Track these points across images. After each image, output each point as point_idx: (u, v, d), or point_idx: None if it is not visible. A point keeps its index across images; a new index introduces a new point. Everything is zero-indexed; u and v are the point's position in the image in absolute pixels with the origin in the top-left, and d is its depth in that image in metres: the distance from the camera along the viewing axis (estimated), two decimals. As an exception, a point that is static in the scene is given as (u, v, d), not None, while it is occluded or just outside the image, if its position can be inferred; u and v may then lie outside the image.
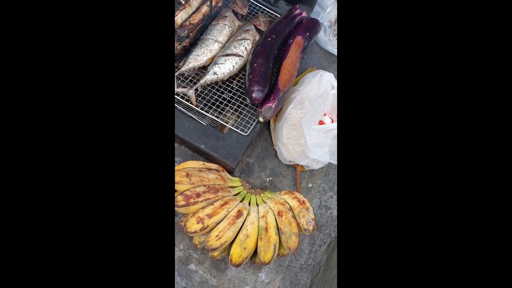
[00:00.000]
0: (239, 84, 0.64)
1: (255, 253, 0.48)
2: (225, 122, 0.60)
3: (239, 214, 0.49)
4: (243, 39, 0.63)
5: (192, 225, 0.46)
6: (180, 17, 0.63)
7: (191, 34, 0.63)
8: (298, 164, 0.63)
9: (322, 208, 0.64)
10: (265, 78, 0.58)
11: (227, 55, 0.61)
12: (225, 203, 0.49)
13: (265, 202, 0.54)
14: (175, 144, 0.62)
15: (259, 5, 0.75)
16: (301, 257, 0.58)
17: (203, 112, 0.58)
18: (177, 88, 0.59)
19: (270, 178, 0.63)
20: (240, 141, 0.58)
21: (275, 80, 0.60)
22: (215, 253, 0.48)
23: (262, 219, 0.49)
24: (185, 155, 0.61)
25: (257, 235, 0.48)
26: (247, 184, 0.57)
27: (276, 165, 0.65)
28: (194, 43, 0.63)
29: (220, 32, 0.63)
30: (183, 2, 0.63)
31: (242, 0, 0.69)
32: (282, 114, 0.62)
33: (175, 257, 0.53)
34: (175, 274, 0.51)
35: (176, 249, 0.54)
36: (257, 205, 0.54)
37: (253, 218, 0.50)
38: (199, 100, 0.61)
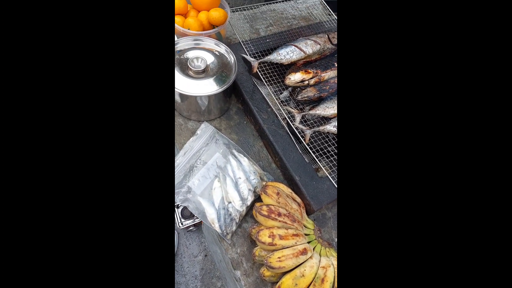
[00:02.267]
0: (349, 144, 0.69)
1: (300, 296, 0.48)
2: (324, 169, 0.64)
3: (304, 251, 0.51)
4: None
5: (264, 236, 0.50)
6: (328, 74, 0.74)
7: (331, 90, 0.73)
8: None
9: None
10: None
11: (353, 117, 0.67)
12: (297, 235, 0.52)
13: (328, 257, 0.54)
14: (274, 165, 0.69)
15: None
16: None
17: (308, 149, 0.65)
18: (298, 124, 0.69)
19: (339, 240, 0.63)
20: (331, 191, 0.61)
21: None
22: (268, 273, 0.50)
23: (321, 269, 0.50)
24: (276, 177, 0.68)
25: (311, 280, 0.48)
26: (319, 232, 0.59)
27: (349, 232, 0.64)
28: (329, 96, 0.73)
29: None
30: (336, 65, 0.75)
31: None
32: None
33: (228, 256, 0.58)
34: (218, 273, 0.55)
35: (232, 249, 0.58)
36: (320, 255, 0.54)
37: (314, 263, 0.50)
38: (310, 141, 0.69)
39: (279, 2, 1.02)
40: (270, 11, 1.00)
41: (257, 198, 0.61)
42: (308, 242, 0.55)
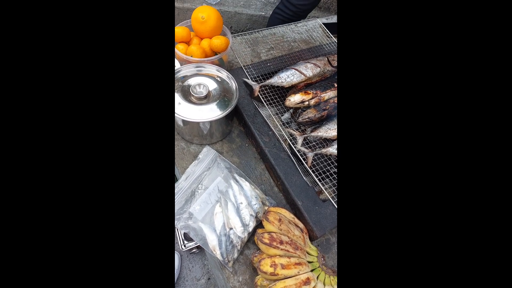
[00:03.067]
0: (352, 166, 0.68)
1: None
2: (327, 193, 0.64)
3: (307, 281, 0.49)
4: (374, 133, 0.69)
5: (266, 266, 0.49)
6: (328, 94, 0.75)
7: (330, 109, 0.73)
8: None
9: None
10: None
11: (355, 139, 0.67)
12: (300, 263, 0.51)
13: (332, 286, 0.52)
14: (276, 188, 0.69)
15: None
16: None
17: (310, 171, 0.64)
18: (300, 146, 0.69)
19: (344, 267, 0.61)
20: (334, 216, 0.60)
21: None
22: (269, 304, 0.49)
23: (326, 301, 0.48)
24: (279, 201, 0.67)
25: (315, 314, 0.46)
26: (322, 259, 0.57)
27: (355, 258, 0.62)
28: (329, 116, 0.73)
29: None
30: (336, 85, 0.76)
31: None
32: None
33: (230, 285, 0.56)
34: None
35: (234, 278, 0.57)
36: (324, 284, 0.52)
37: (318, 294, 0.49)
38: (313, 163, 0.69)
39: (280, 26, 1.05)
40: (271, 35, 1.02)
41: (259, 224, 0.61)
42: (312, 270, 0.54)
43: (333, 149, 0.67)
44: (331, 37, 0.97)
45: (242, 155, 0.73)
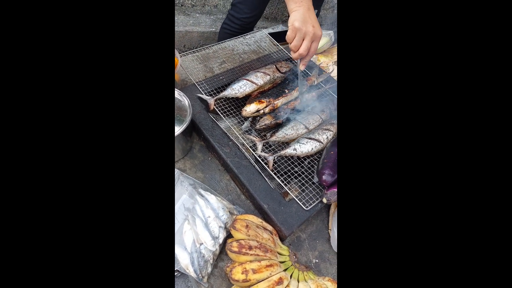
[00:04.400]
0: (311, 163, 0.72)
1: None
2: (290, 192, 0.66)
3: (280, 281, 0.50)
4: (327, 129, 0.73)
5: (237, 274, 0.50)
6: (281, 101, 0.79)
7: (286, 115, 0.77)
8: (348, 257, 0.62)
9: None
10: (337, 166, 0.64)
11: (310, 138, 0.71)
12: (271, 265, 0.52)
13: (306, 281, 0.54)
14: (243, 196, 0.70)
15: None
16: None
17: (273, 175, 0.67)
18: (260, 152, 0.71)
19: (317, 261, 0.63)
20: (299, 213, 0.62)
21: (346, 170, 0.66)
22: (246, 312, 0.49)
23: (300, 297, 0.49)
24: (247, 208, 0.68)
25: (291, 311, 0.48)
26: (294, 257, 0.59)
27: (326, 250, 0.65)
28: (287, 121, 0.77)
29: (314, 122, 0.76)
30: (287, 92, 0.80)
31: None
32: (345, 202, 0.65)
33: (207, 300, 0.56)
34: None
35: (211, 292, 0.56)
36: (298, 281, 0.54)
37: (292, 291, 0.50)
38: (274, 166, 0.71)
39: (229, 40, 1.09)
40: (221, 49, 1.05)
41: (229, 234, 0.61)
42: (285, 270, 0.55)
43: (291, 150, 0.70)
44: (278, 45, 1.02)
45: (205, 169, 0.74)
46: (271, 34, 1.08)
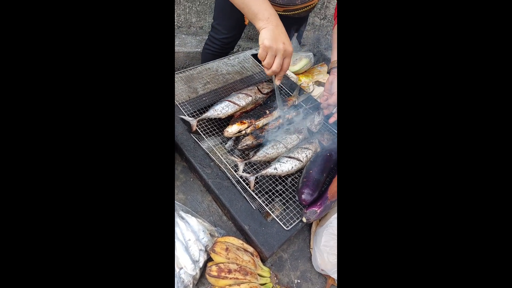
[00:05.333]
0: (293, 182, 0.73)
1: None
2: (271, 212, 0.67)
3: (260, 305, 0.50)
4: (306, 148, 0.75)
5: (215, 299, 0.49)
6: (262, 122, 0.81)
7: (266, 135, 0.79)
8: (330, 276, 0.62)
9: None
10: (316, 185, 0.66)
11: (290, 157, 0.73)
12: (250, 288, 0.52)
13: (287, 304, 0.54)
14: (224, 217, 0.70)
15: (329, 126, 0.90)
16: None
17: (255, 196, 0.67)
18: (242, 172, 0.72)
19: (299, 281, 0.63)
20: (280, 233, 0.63)
21: (325, 189, 0.67)
22: (225, 339, 0.48)
23: (279, 321, 0.49)
24: (229, 230, 0.68)
25: (270, 336, 0.47)
26: (275, 278, 0.59)
27: (308, 269, 0.65)
28: (267, 141, 0.79)
29: (292, 142, 0.78)
30: (268, 112, 0.82)
31: (328, 135, 0.85)
32: (325, 220, 0.66)
33: (187, 328, 0.54)
34: None
35: (191, 319, 0.55)
36: (279, 304, 0.54)
37: (272, 315, 0.50)
38: (256, 186, 0.72)
39: (213, 61, 1.12)
40: (205, 70, 1.08)
41: (210, 257, 0.61)
42: (266, 293, 0.55)
43: (271, 170, 0.71)
44: (260, 66, 1.06)
45: (187, 190, 0.74)
46: (253, 55, 1.12)
